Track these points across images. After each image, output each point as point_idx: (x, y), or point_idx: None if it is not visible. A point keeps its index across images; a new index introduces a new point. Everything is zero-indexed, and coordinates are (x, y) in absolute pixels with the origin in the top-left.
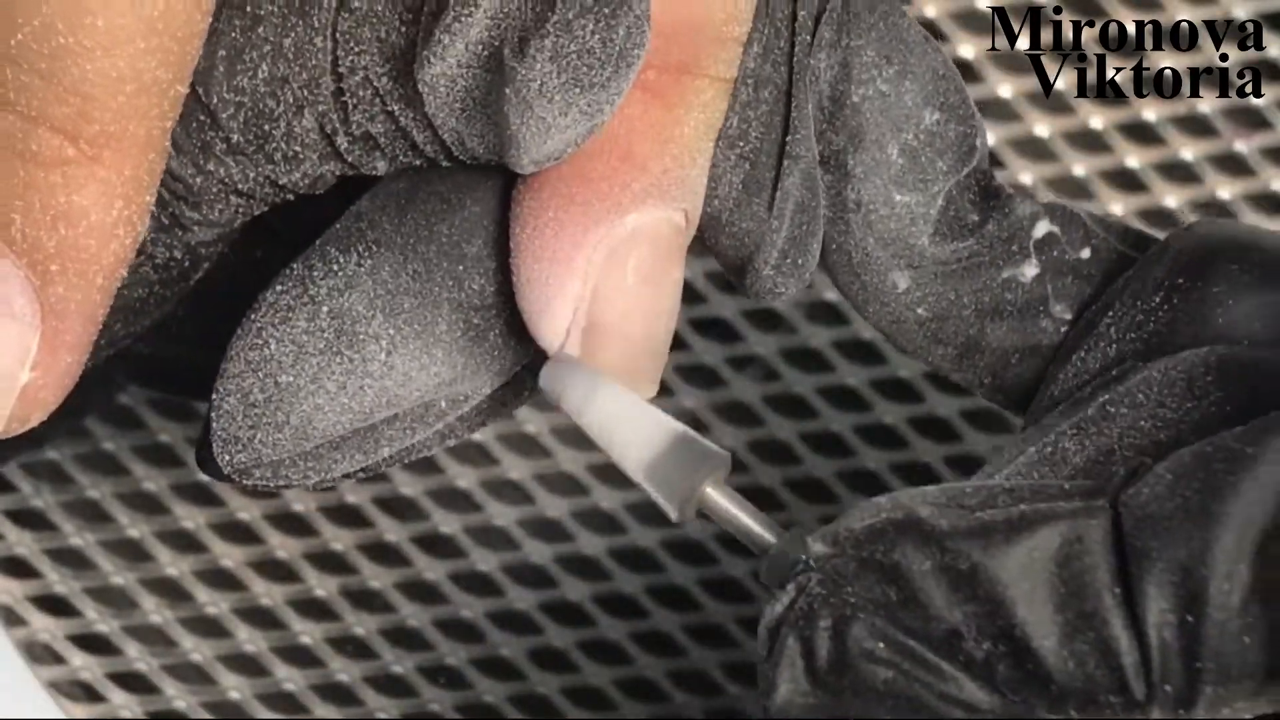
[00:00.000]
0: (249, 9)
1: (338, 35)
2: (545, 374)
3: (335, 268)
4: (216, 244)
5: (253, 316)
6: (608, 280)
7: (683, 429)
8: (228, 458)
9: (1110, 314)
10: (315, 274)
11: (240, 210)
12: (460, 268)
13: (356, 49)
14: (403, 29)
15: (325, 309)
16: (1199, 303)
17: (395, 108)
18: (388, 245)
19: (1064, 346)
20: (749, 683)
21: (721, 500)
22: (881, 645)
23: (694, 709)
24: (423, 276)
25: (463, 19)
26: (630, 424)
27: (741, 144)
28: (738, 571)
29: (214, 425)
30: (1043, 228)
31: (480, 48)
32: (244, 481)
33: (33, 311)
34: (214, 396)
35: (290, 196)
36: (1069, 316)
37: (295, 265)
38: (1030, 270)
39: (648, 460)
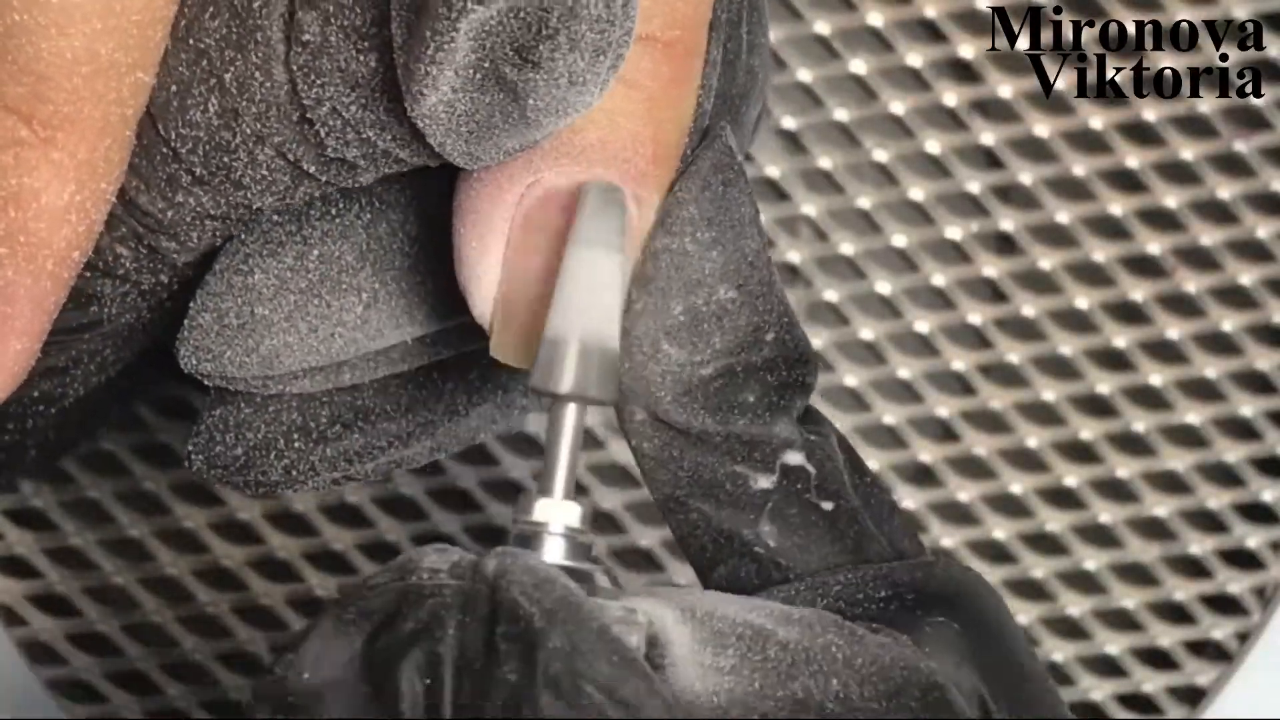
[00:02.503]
0: (192, 42)
1: (294, 69)
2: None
3: (334, 212)
4: (203, 262)
5: (245, 239)
6: (521, 249)
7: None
8: (194, 362)
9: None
10: (313, 214)
11: (218, 232)
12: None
13: (318, 82)
14: (361, 57)
15: (316, 252)
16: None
17: (370, 134)
18: (391, 204)
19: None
20: None
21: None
22: None
23: None
24: (419, 240)
25: (445, 47)
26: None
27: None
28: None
29: (186, 330)
30: (794, 458)
31: (471, 71)
32: (205, 381)
33: None
34: (191, 305)
35: (275, 217)
36: (773, 544)
37: None
38: (764, 482)
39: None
